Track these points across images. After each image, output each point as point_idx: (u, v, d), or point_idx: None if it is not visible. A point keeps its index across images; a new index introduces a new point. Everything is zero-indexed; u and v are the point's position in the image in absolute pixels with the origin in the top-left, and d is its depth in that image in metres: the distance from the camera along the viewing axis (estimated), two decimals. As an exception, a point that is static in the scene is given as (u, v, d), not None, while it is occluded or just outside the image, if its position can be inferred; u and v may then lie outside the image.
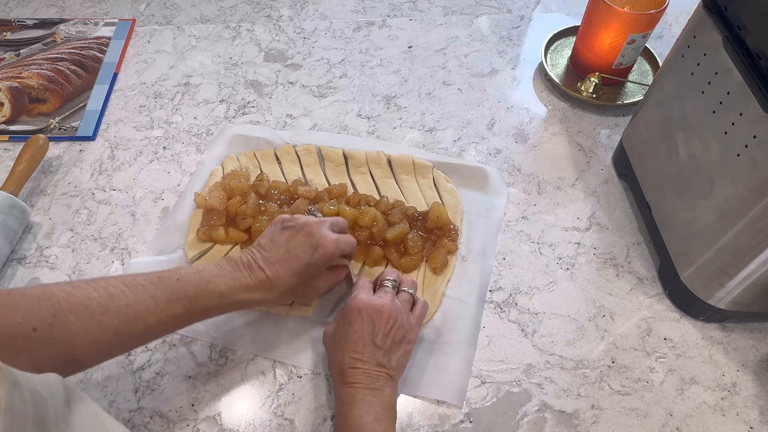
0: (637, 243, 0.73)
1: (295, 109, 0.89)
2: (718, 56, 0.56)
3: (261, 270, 0.56)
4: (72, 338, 0.45)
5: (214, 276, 0.54)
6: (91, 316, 0.46)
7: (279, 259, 0.57)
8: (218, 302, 0.53)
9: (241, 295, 0.54)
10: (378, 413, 0.52)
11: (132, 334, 0.49)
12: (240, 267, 0.55)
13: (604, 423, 0.60)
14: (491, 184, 0.78)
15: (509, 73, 0.94)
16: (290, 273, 0.56)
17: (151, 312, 0.49)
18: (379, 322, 0.56)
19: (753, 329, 0.66)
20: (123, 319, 0.47)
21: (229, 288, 0.54)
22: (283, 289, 0.56)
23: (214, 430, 0.59)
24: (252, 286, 0.55)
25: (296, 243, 0.57)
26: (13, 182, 0.73)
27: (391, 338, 0.57)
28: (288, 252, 0.57)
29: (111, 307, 0.47)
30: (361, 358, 0.55)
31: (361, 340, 0.55)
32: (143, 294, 0.49)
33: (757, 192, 0.53)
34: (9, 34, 1.00)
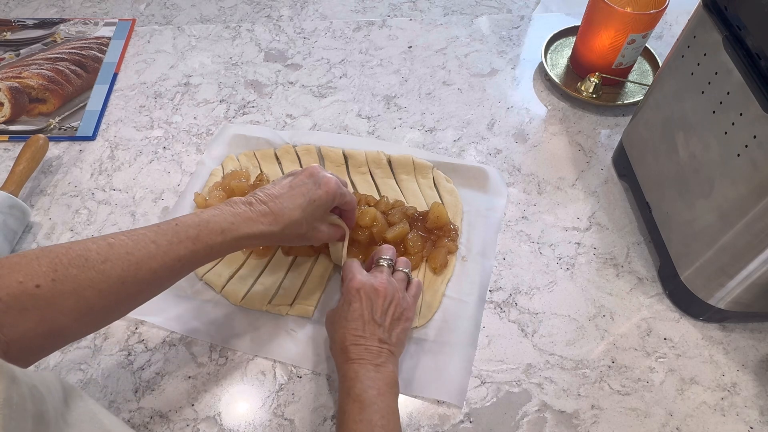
0: (637, 243, 0.73)
1: (295, 109, 0.89)
2: (718, 56, 0.56)
3: (262, 204, 0.56)
4: (78, 291, 0.44)
5: (214, 216, 0.53)
6: (92, 266, 0.45)
7: (282, 194, 0.57)
8: (221, 239, 0.52)
9: (243, 227, 0.53)
10: (381, 388, 0.53)
11: (138, 282, 0.48)
12: (239, 204, 0.55)
13: (604, 423, 0.60)
14: (491, 184, 0.78)
15: (509, 73, 0.94)
16: (294, 206, 0.56)
17: (153, 257, 0.49)
18: (377, 300, 0.58)
19: (753, 329, 0.66)
20: (126, 267, 0.47)
21: (231, 223, 0.53)
22: (288, 221, 0.56)
23: (214, 430, 0.59)
24: (254, 217, 0.54)
25: (299, 181, 0.58)
26: (13, 182, 0.73)
27: (390, 315, 0.58)
28: (292, 188, 0.58)
29: (111, 255, 0.47)
30: (363, 335, 0.56)
31: (361, 319, 0.56)
32: (143, 240, 0.49)
33: (757, 192, 0.53)
34: (9, 34, 1.00)
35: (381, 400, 0.52)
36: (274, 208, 0.55)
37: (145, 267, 0.48)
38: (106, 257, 0.46)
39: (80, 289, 0.45)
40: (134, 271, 0.47)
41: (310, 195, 0.57)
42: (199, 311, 0.67)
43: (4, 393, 0.30)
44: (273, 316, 0.66)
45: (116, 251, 0.47)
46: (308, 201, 0.57)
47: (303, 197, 0.57)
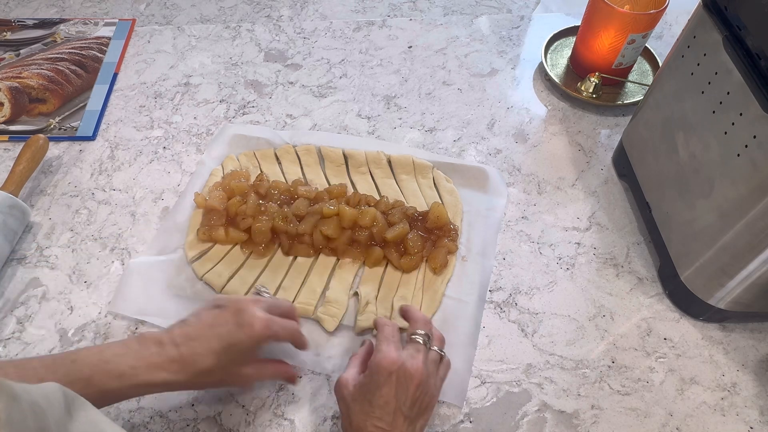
0: (637, 243, 0.73)
1: (295, 109, 0.89)
2: (718, 56, 0.56)
3: (174, 346, 0.49)
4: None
5: (117, 355, 0.48)
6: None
7: (199, 336, 0.50)
8: (118, 384, 0.47)
9: (144, 375, 0.48)
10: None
11: None
12: (148, 344, 0.49)
13: (604, 423, 0.60)
14: (491, 184, 0.78)
15: (509, 73, 0.94)
16: (208, 352, 0.50)
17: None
18: (409, 388, 0.50)
19: (753, 329, 0.66)
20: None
21: (131, 368, 0.48)
22: (197, 370, 0.49)
23: (214, 430, 0.59)
24: (158, 363, 0.48)
25: (221, 320, 0.51)
26: (13, 182, 0.73)
27: (418, 406, 0.51)
28: (211, 329, 0.51)
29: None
30: (385, 428, 0.49)
31: (387, 407, 0.49)
32: (33, 377, 0.45)
33: (757, 192, 0.53)
34: (9, 34, 1.00)
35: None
36: (184, 353, 0.49)
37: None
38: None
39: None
40: None
41: (228, 339, 0.50)
42: (199, 312, 0.66)
43: (5, 411, 0.30)
44: (273, 316, 0.66)
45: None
46: (225, 346, 0.50)
47: (219, 341, 0.50)
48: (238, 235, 0.71)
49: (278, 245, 0.72)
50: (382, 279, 0.69)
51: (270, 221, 0.70)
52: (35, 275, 0.70)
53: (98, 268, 0.71)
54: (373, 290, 0.68)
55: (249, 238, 0.71)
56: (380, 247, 0.70)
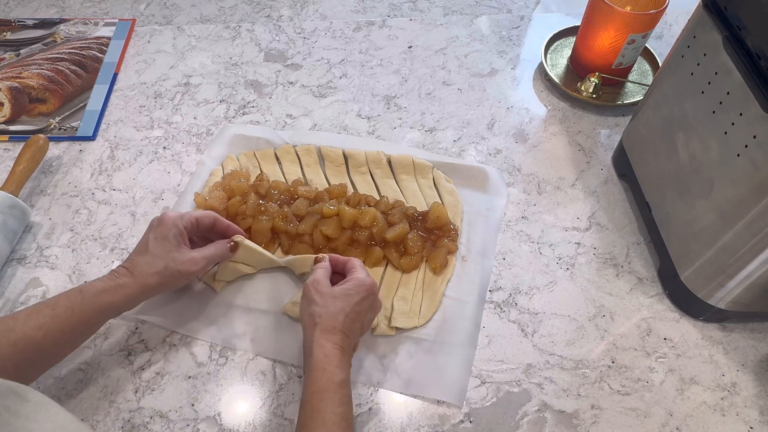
0: (637, 243, 0.73)
1: (295, 109, 0.89)
2: (718, 56, 0.56)
3: (119, 267, 0.59)
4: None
5: (77, 286, 0.57)
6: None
7: (132, 253, 0.60)
8: (80, 297, 0.55)
9: (100, 284, 0.56)
10: (342, 362, 0.54)
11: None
12: (105, 275, 0.58)
13: (604, 423, 0.60)
14: (491, 184, 0.78)
15: (509, 73, 0.94)
16: (140, 254, 0.59)
17: (11, 329, 0.51)
18: (372, 313, 0.60)
19: (753, 329, 0.66)
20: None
21: (89, 284, 0.56)
22: (140, 268, 0.58)
23: (214, 430, 0.59)
24: (108, 276, 0.57)
25: (146, 232, 0.62)
26: (13, 182, 0.73)
27: (367, 327, 0.61)
28: (138, 245, 0.61)
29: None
30: (352, 326, 0.57)
31: (360, 315, 0.58)
32: (5, 319, 0.52)
33: (757, 192, 0.53)
34: (9, 34, 1.00)
35: (341, 369, 0.53)
36: (126, 266, 0.59)
37: (3, 341, 0.50)
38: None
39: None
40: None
41: (149, 238, 0.60)
42: (199, 311, 0.67)
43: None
44: (273, 316, 0.66)
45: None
46: (150, 243, 0.60)
47: (144, 244, 0.60)
48: (238, 235, 0.71)
49: (278, 245, 0.72)
50: (382, 279, 0.69)
51: (270, 221, 0.70)
52: (35, 275, 0.70)
53: (98, 268, 0.71)
54: (373, 290, 0.68)
55: (249, 238, 0.71)
56: (380, 247, 0.70)
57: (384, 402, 0.61)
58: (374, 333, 0.64)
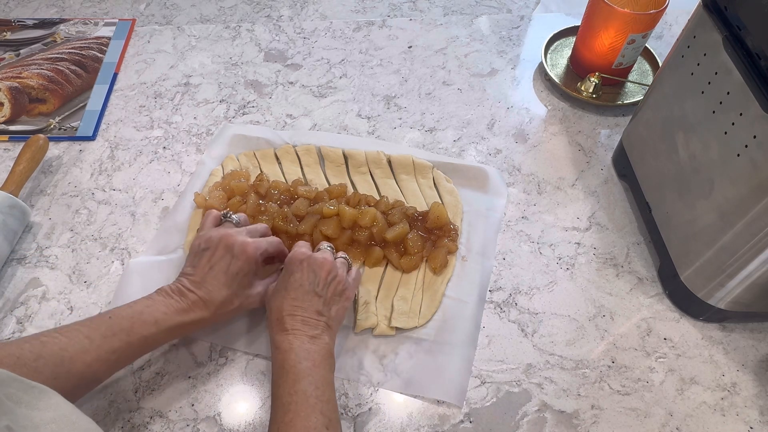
0: (637, 243, 0.73)
1: (295, 109, 0.89)
2: (718, 56, 0.56)
3: (192, 292, 0.57)
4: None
5: (147, 307, 0.55)
6: (24, 364, 0.47)
7: (205, 278, 0.58)
8: (156, 329, 0.54)
9: (176, 318, 0.55)
10: (316, 360, 0.52)
11: (72, 376, 0.49)
12: (171, 294, 0.57)
13: (604, 423, 0.60)
14: (491, 184, 0.78)
15: (509, 73, 0.94)
16: (219, 286, 0.57)
17: (87, 351, 0.50)
18: (320, 272, 0.58)
19: (753, 329, 0.66)
20: (58, 362, 0.48)
21: (164, 314, 0.54)
22: (218, 303, 0.57)
23: (214, 430, 0.59)
24: (186, 308, 0.56)
25: (217, 258, 0.59)
26: (13, 182, 0.73)
27: (332, 289, 0.58)
28: (212, 269, 0.58)
29: (44, 353, 0.48)
30: (301, 305, 0.56)
31: (301, 288, 0.56)
32: (77, 335, 0.51)
33: (757, 192, 0.53)
34: (9, 34, 1.00)
35: (316, 371, 0.52)
36: (202, 295, 0.57)
37: (78, 361, 0.49)
38: (39, 354, 0.48)
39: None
40: (67, 366, 0.49)
41: (231, 270, 0.58)
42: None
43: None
44: (273, 316, 0.66)
45: (49, 348, 0.49)
46: (231, 277, 0.58)
47: (225, 275, 0.58)
48: (238, 235, 0.70)
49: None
50: (382, 279, 0.69)
51: (270, 221, 0.70)
52: (35, 275, 0.70)
53: (98, 268, 0.71)
54: (373, 290, 0.68)
55: (249, 238, 0.71)
56: (380, 247, 0.70)
57: (384, 402, 0.61)
58: (374, 333, 0.64)
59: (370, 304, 0.66)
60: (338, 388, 0.61)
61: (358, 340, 0.64)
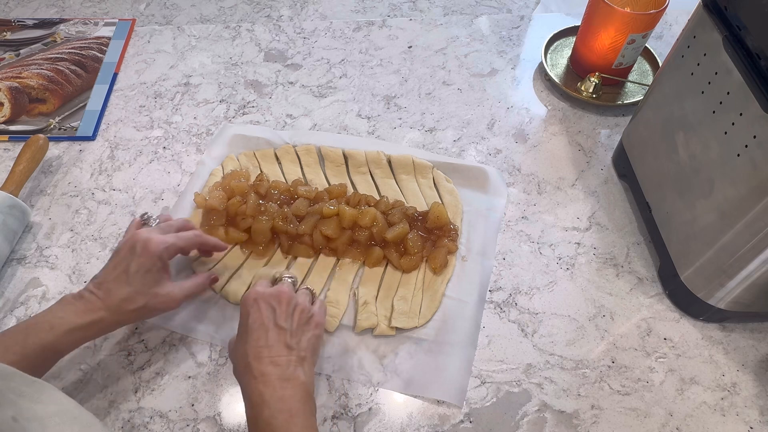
0: (637, 243, 0.73)
1: (295, 109, 0.89)
2: (718, 56, 0.56)
3: (91, 293, 0.55)
4: None
5: (42, 316, 0.53)
6: None
7: (107, 278, 0.56)
8: (52, 336, 0.52)
9: (74, 320, 0.53)
10: (293, 408, 0.48)
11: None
12: (71, 301, 0.55)
13: (604, 423, 0.60)
14: (491, 184, 0.78)
15: (509, 73, 0.94)
16: (118, 284, 0.55)
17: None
18: (279, 306, 0.54)
19: (753, 329, 0.66)
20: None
21: (60, 318, 0.53)
22: (117, 301, 0.55)
23: (214, 430, 0.59)
24: (84, 310, 0.54)
25: (120, 257, 0.57)
26: (13, 182, 0.73)
27: (297, 318, 0.54)
28: (115, 268, 0.56)
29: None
30: (266, 344, 0.51)
31: (262, 327, 0.52)
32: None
33: (757, 192, 0.53)
34: (9, 34, 1.00)
35: (294, 422, 0.47)
36: (101, 296, 0.55)
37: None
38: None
39: None
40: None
41: (131, 268, 0.56)
42: (199, 311, 0.67)
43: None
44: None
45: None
46: (131, 275, 0.56)
47: (125, 273, 0.56)
48: (237, 235, 0.71)
49: (278, 245, 0.72)
50: (382, 279, 0.69)
51: (270, 221, 0.70)
52: (35, 275, 0.70)
53: (98, 268, 0.70)
54: (373, 290, 0.68)
55: (249, 238, 0.71)
56: (380, 247, 0.70)
57: (384, 402, 0.61)
58: (374, 333, 0.64)
59: (370, 304, 0.66)
60: (338, 388, 0.61)
61: (358, 340, 0.64)
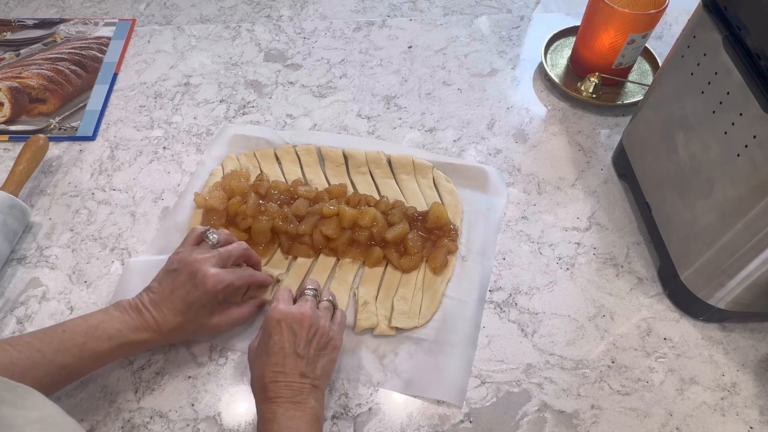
0: (637, 243, 0.73)
1: (295, 109, 0.89)
2: (718, 56, 0.56)
3: (148, 311, 0.57)
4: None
5: (102, 321, 0.55)
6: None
7: (164, 300, 0.57)
8: (108, 345, 0.54)
9: (130, 335, 0.55)
10: (301, 428, 0.51)
11: None
12: (128, 310, 0.56)
13: (604, 423, 0.60)
14: (491, 184, 0.78)
15: (509, 73, 0.94)
16: (174, 312, 0.57)
17: (37, 365, 0.50)
18: (300, 331, 0.55)
19: (753, 329, 0.66)
20: (7, 377, 0.47)
21: (118, 331, 0.54)
22: (170, 328, 0.57)
23: (214, 430, 0.59)
24: (140, 326, 0.56)
25: (179, 282, 0.58)
26: (13, 182, 0.73)
27: (314, 346, 0.56)
28: (172, 292, 0.57)
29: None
30: (283, 370, 0.53)
31: (281, 352, 0.54)
32: (28, 350, 0.50)
33: (757, 192, 0.53)
34: (9, 34, 1.00)
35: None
36: (157, 317, 0.56)
37: (28, 376, 0.49)
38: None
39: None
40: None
41: (188, 299, 0.57)
42: (199, 311, 0.66)
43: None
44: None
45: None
46: (186, 305, 0.57)
47: (182, 302, 0.57)
48: (238, 235, 0.70)
49: (278, 245, 0.72)
50: (382, 279, 0.69)
51: (270, 221, 0.70)
52: (35, 275, 0.70)
53: (98, 268, 0.71)
54: (373, 290, 0.68)
55: (249, 238, 0.71)
56: (380, 247, 0.70)
57: (384, 402, 0.61)
58: (374, 333, 0.64)
59: (370, 304, 0.66)
60: (338, 388, 0.61)
61: (358, 340, 0.65)
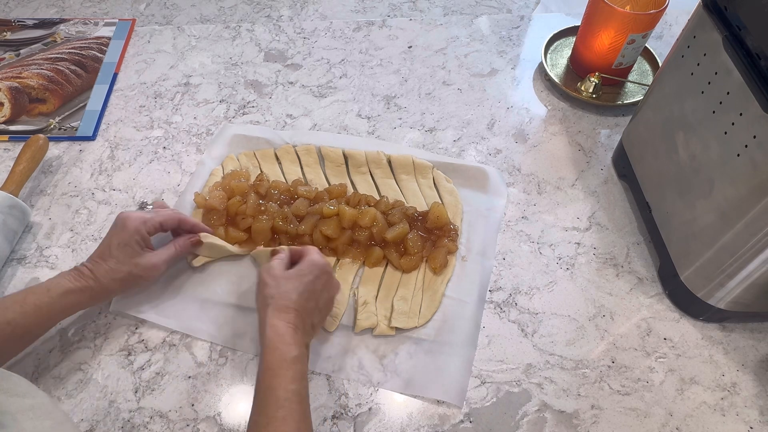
0: (637, 243, 0.73)
1: (295, 109, 0.89)
2: (718, 56, 0.56)
3: (83, 265, 0.61)
4: None
5: (44, 281, 0.59)
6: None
7: (96, 253, 0.62)
8: (48, 297, 0.57)
9: (67, 284, 0.58)
10: (303, 353, 0.55)
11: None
12: (65, 272, 0.61)
13: (604, 423, 0.60)
14: (491, 184, 0.78)
15: (509, 73, 0.94)
16: (104, 257, 0.61)
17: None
18: (327, 294, 0.61)
19: (753, 329, 0.66)
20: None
21: (56, 283, 0.58)
22: (103, 272, 0.60)
23: (214, 430, 0.59)
24: (77, 276, 0.60)
25: (107, 234, 0.63)
26: (13, 182, 0.73)
27: (326, 310, 0.61)
28: (101, 244, 0.63)
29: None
30: (305, 305, 0.58)
31: (312, 297, 0.58)
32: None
33: (757, 192, 0.53)
34: (9, 34, 1.00)
35: (301, 368, 0.54)
36: (90, 266, 0.61)
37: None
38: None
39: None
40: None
41: (113, 241, 0.62)
42: (199, 311, 0.67)
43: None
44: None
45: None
46: (115, 247, 0.61)
47: (108, 246, 0.62)
48: (238, 235, 0.71)
49: (278, 245, 0.72)
50: (382, 279, 0.69)
51: (270, 221, 0.70)
52: (35, 275, 0.70)
53: (98, 268, 0.71)
54: (373, 290, 0.68)
55: (249, 238, 0.71)
56: (380, 247, 0.70)
57: (384, 402, 0.61)
58: (374, 333, 0.64)
59: (370, 304, 0.66)
60: (338, 388, 0.61)
61: (358, 340, 0.65)
